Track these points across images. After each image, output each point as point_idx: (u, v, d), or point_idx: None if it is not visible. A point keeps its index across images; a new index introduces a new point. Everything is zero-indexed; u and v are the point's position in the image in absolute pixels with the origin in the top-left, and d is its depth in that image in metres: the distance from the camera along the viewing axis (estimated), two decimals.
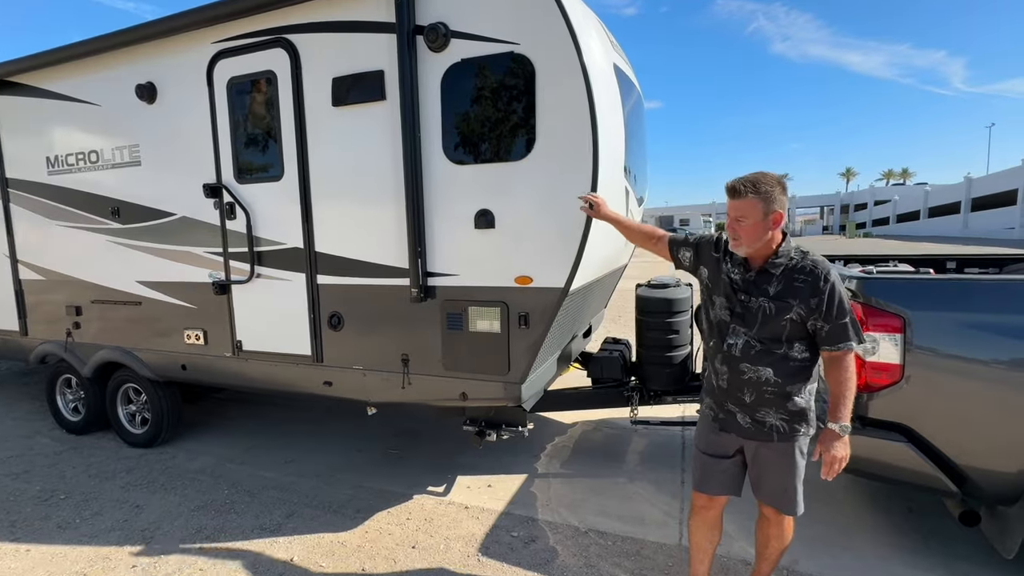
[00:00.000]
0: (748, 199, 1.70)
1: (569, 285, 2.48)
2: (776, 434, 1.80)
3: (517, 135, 2.49)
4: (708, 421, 1.98)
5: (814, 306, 1.68)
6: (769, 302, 1.74)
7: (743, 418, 1.84)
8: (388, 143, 2.71)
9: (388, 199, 2.75)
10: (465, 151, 2.61)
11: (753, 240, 1.74)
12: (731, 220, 1.77)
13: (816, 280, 1.69)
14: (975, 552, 2.41)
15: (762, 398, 1.79)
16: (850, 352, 1.70)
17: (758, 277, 1.78)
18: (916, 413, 2.22)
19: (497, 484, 3.25)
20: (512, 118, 2.50)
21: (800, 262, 1.73)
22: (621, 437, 3.96)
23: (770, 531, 1.99)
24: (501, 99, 2.51)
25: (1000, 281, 2.22)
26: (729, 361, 1.84)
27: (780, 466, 1.84)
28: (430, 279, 2.76)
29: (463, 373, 2.78)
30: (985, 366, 2.10)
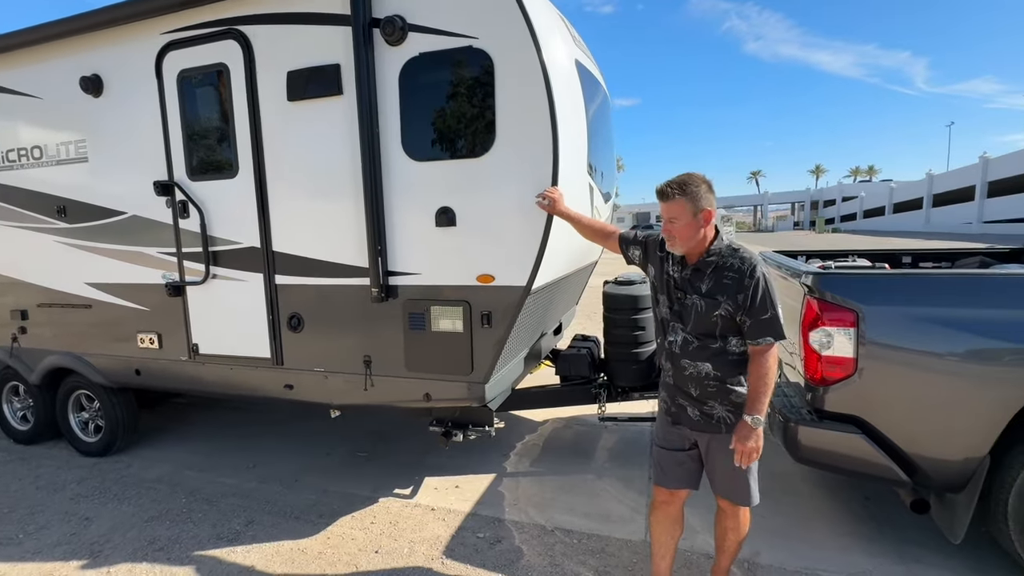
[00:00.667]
0: (676, 200, 1.76)
1: (531, 283, 2.46)
2: (724, 426, 1.84)
3: (477, 132, 2.45)
4: (663, 415, 2.03)
5: (740, 302, 1.73)
6: (701, 299, 1.80)
7: (692, 411, 1.89)
8: (346, 139, 2.64)
9: (347, 197, 2.67)
10: (425, 148, 2.55)
11: (686, 239, 1.79)
12: (664, 222, 1.83)
13: (742, 277, 1.74)
14: (926, 538, 2.49)
15: (706, 391, 1.84)
16: (770, 347, 1.74)
17: (692, 275, 1.84)
18: (869, 405, 2.26)
19: (465, 484, 3.21)
20: (472, 114, 2.46)
21: (729, 259, 1.79)
22: (591, 434, 3.96)
23: (727, 523, 2.02)
24: (461, 95, 2.47)
25: (947, 276, 2.29)
26: (672, 357, 1.91)
27: (731, 459, 1.86)
28: (391, 278, 2.70)
29: (426, 373, 2.73)
30: (933, 358, 2.16)
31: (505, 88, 2.36)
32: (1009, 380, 2.04)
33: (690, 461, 1.98)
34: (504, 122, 2.38)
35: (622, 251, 2.14)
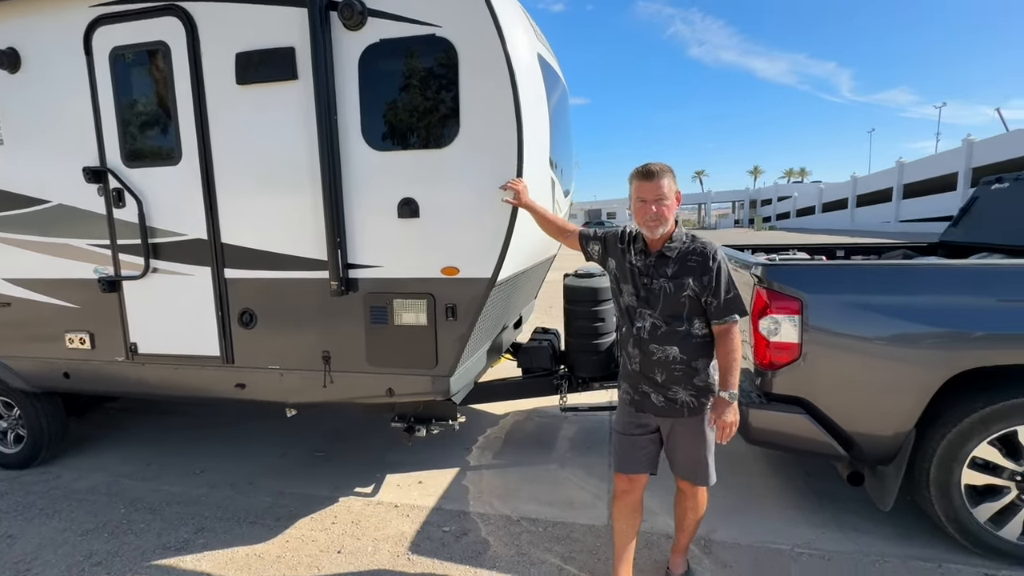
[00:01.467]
0: (664, 179, 1.85)
1: (496, 275, 2.46)
2: (687, 409, 1.92)
3: (441, 122, 2.42)
4: (625, 404, 2.08)
5: (705, 283, 1.83)
6: (668, 282, 1.88)
7: (657, 397, 1.95)
8: (302, 126, 2.53)
9: (304, 186, 2.57)
10: (387, 137, 2.49)
11: (671, 217, 1.88)
12: (649, 203, 1.86)
13: (706, 260, 1.85)
14: (860, 508, 2.70)
15: (672, 376, 1.91)
16: (734, 324, 1.84)
17: (657, 261, 1.91)
18: (812, 387, 2.43)
19: (428, 480, 3.18)
20: (436, 104, 2.42)
21: (692, 245, 1.90)
22: (552, 425, 4.03)
23: (687, 503, 2.11)
24: (424, 84, 2.42)
25: (878, 266, 2.48)
26: (639, 343, 1.95)
27: (692, 441, 1.96)
28: (351, 271, 2.62)
29: (389, 368, 2.68)
30: (867, 342, 2.34)
31: (469, 79, 2.34)
32: (931, 360, 2.25)
33: (650, 445, 2.05)
34: (468, 113, 2.36)
35: (581, 247, 2.18)
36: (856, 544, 2.45)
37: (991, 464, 2.25)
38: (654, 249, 1.93)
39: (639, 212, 1.90)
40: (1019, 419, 2.18)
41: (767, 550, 2.44)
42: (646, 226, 1.89)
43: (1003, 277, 2.29)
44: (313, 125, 2.48)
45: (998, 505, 2.27)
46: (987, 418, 2.20)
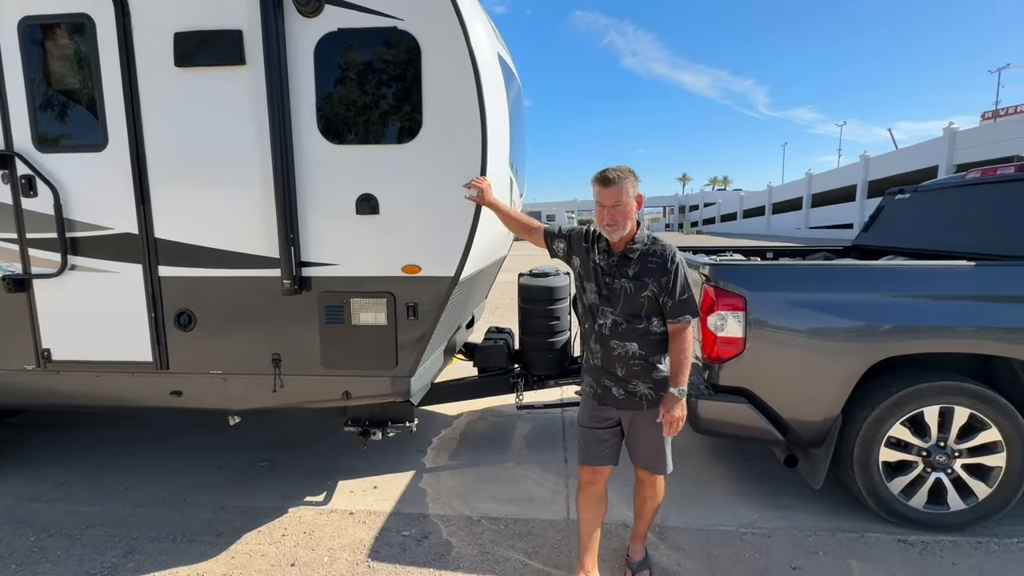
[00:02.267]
0: (621, 184, 1.91)
1: (459, 274, 2.44)
2: (646, 402, 2.01)
3: (403, 117, 2.37)
4: (588, 398, 2.15)
5: (663, 284, 1.92)
6: (629, 282, 1.95)
7: (618, 391, 2.03)
8: (250, 115, 2.39)
9: (253, 179, 2.42)
10: (345, 130, 2.41)
11: (629, 221, 1.94)
12: (608, 208, 1.92)
13: (665, 261, 1.93)
14: (794, 488, 2.94)
15: (631, 370, 1.99)
16: (687, 324, 1.95)
17: (619, 261, 1.98)
18: (754, 378, 2.62)
19: (384, 484, 3.10)
20: (397, 99, 2.37)
21: (652, 246, 1.98)
22: (506, 424, 4.05)
23: (646, 492, 2.20)
24: (385, 77, 2.37)
25: (812, 267, 2.73)
26: (601, 339, 2.01)
27: (652, 432, 2.05)
28: (304, 269, 2.50)
29: (346, 370, 2.58)
30: (801, 335, 2.56)
31: (433, 74, 2.31)
32: (854, 351, 2.49)
33: (612, 438, 2.13)
34: (431, 109, 2.33)
35: (546, 244, 2.21)
36: (791, 521, 2.66)
37: (903, 442, 2.53)
38: (617, 250, 2.00)
39: (598, 216, 1.97)
40: (926, 401, 2.47)
41: (716, 532, 2.59)
42: (606, 230, 1.97)
43: (909, 276, 2.58)
44: (264, 114, 2.34)
45: (908, 479, 2.55)
46: (900, 401, 2.47)
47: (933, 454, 2.51)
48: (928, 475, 2.53)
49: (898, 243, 3.66)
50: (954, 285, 2.49)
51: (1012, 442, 2.44)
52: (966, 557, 2.38)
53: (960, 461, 2.51)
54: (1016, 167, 3.01)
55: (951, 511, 2.53)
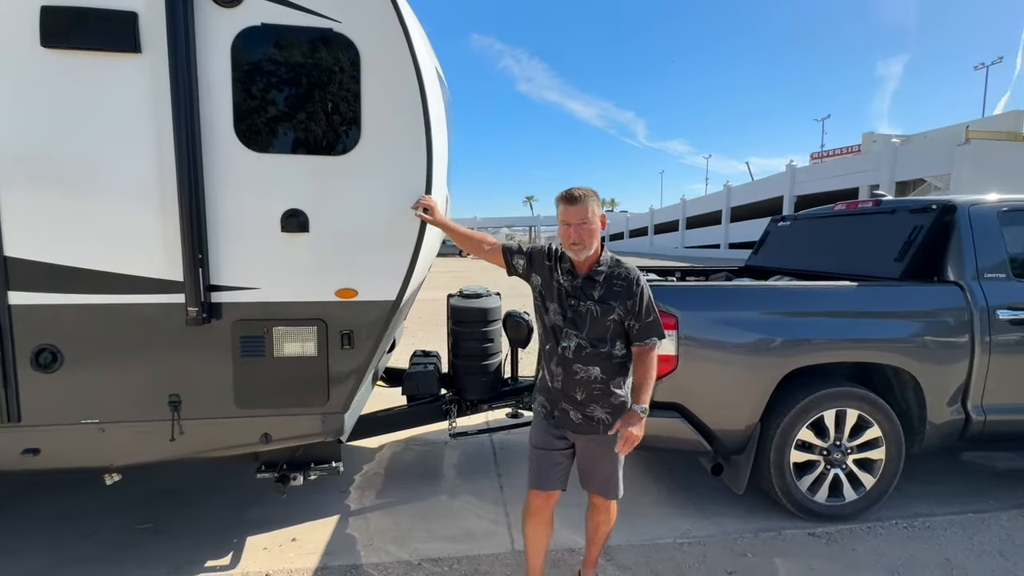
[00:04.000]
0: (587, 203, 1.88)
1: (401, 298, 2.27)
2: (602, 426, 1.98)
3: (339, 126, 2.16)
4: (542, 419, 2.09)
5: (629, 307, 1.91)
6: (595, 305, 1.92)
7: (575, 415, 1.99)
8: (146, 112, 2.02)
9: (148, 187, 2.04)
10: (268, 137, 2.13)
11: (594, 240, 1.91)
12: (574, 226, 1.88)
13: (631, 284, 1.93)
14: (717, 494, 3.14)
15: (591, 395, 1.96)
16: (655, 346, 1.98)
17: (584, 283, 1.95)
18: (685, 393, 2.76)
19: (304, 535, 2.74)
20: (332, 106, 2.16)
21: (616, 268, 1.96)
22: (433, 453, 3.84)
23: (599, 517, 2.17)
24: (318, 82, 2.14)
25: (733, 287, 2.96)
26: (563, 363, 1.97)
27: (606, 458, 2.03)
28: (214, 294, 2.15)
29: (265, 410, 2.25)
30: (724, 351, 2.76)
31: (373, 83, 2.14)
32: (769, 364, 2.74)
33: (565, 460, 2.09)
34: (371, 120, 2.16)
35: (505, 261, 2.13)
36: (720, 527, 2.83)
37: (808, 444, 2.83)
38: (581, 271, 1.96)
39: (563, 235, 1.92)
40: (825, 406, 2.79)
41: (656, 547, 2.66)
42: (570, 249, 1.92)
43: (809, 296, 2.92)
44: (165, 113, 1.99)
45: (813, 476, 2.85)
46: (806, 407, 2.76)
47: (831, 452, 2.84)
48: (828, 472, 2.85)
49: (783, 264, 4.16)
50: (841, 303, 2.86)
51: (889, 437, 2.84)
52: (862, 541, 2.70)
53: (851, 457, 2.86)
54: (873, 202, 3.59)
55: (847, 502, 2.86)
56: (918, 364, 2.79)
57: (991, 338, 2.80)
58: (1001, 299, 2.83)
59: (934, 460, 3.25)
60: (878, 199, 3.59)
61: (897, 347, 2.79)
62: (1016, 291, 2.86)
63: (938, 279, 2.95)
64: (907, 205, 3.27)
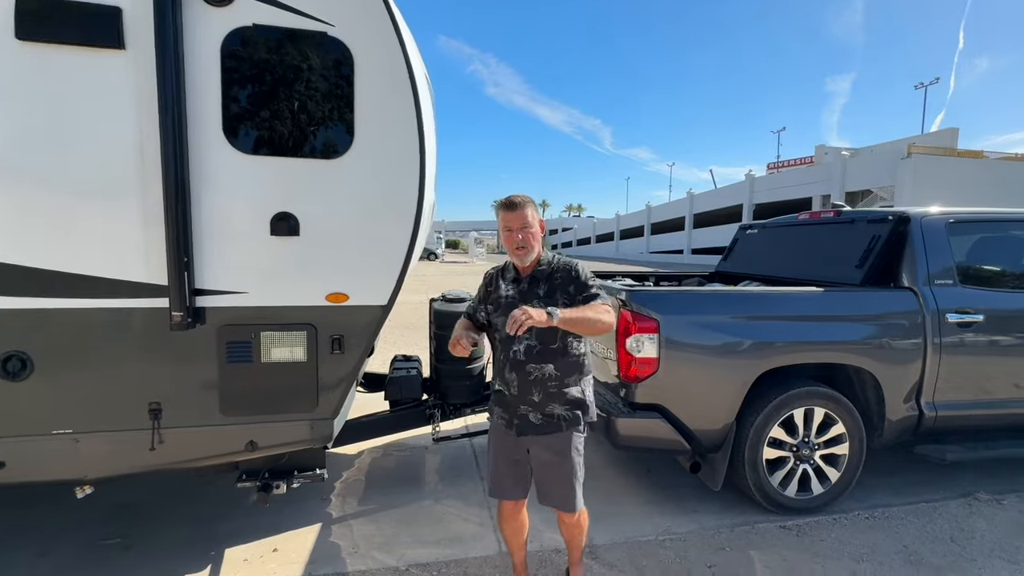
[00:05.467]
0: (527, 209, 1.94)
1: (393, 300, 2.27)
2: (564, 423, 1.98)
3: (331, 130, 2.15)
4: (502, 429, 2.07)
5: (572, 291, 1.96)
6: (540, 302, 1.93)
7: (535, 416, 1.98)
8: (129, 110, 1.95)
9: (130, 188, 1.97)
10: (258, 139, 2.10)
11: (537, 243, 1.97)
12: (515, 232, 1.93)
13: (568, 272, 2.00)
14: (693, 492, 3.26)
15: (547, 393, 1.97)
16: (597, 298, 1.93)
17: (530, 285, 2.00)
18: (666, 394, 2.86)
19: (285, 545, 2.67)
20: (325, 110, 2.14)
21: (555, 263, 2.03)
22: (413, 458, 3.82)
23: (571, 531, 2.18)
24: (310, 85, 2.13)
25: (711, 292, 3.09)
26: (516, 366, 1.97)
27: (562, 467, 2.00)
28: (200, 298, 2.09)
29: (252, 417, 2.21)
30: (703, 353, 2.88)
31: (367, 87, 2.14)
32: (744, 365, 2.87)
33: (524, 470, 2.09)
34: (365, 124, 2.16)
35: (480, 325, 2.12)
36: (699, 523, 2.94)
37: (779, 441, 2.98)
38: (526, 274, 2.01)
39: (507, 240, 1.96)
40: (795, 405, 2.94)
41: (638, 543, 2.74)
42: (515, 254, 1.97)
43: (783, 300, 3.08)
44: (150, 111, 1.94)
45: (783, 472, 3.00)
46: (778, 406, 2.91)
47: (800, 449, 2.99)
48: (798, 467, 3.01)
49: (752, 270, 4.36)
50: (811, 307, 3.04)
51: (852, 433, 3.02)
52: (828, 532, 2.86)
53: (819, 452, 3.03)
54: (834, 212, 3.82)
55: (814, 495, 3.02)
56: (878, 364, 2.98)
57: (941, 340, 3.03)
58: (950, 303, 3.06)
59: (890, 454, 3.47)
60: (838, 209, 3.82)
61: (859, 348, 2.98)
62: (963, 296, 3.10)
63: (894, 285, 3.17)
64: (865, 216, 3.50)
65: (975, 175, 22.03)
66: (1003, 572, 2.54)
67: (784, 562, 2.59)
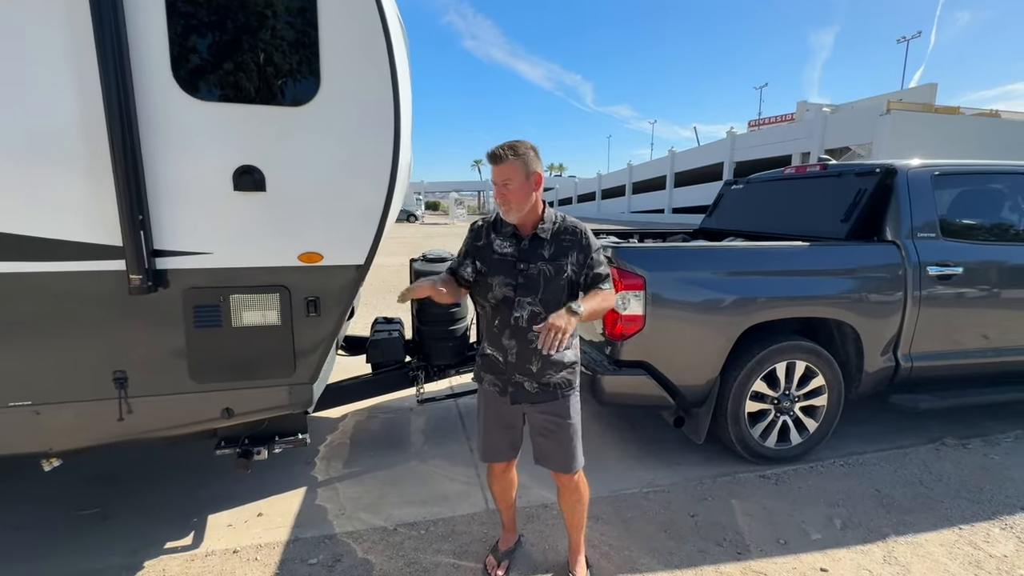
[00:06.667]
0: (509, 163, 1.74)
1: (370, 261, 2.15)
2: (560, 390, 1.90)
3: (295, 73, 1.96)
4: (495, 396, 1.97)
5: (582, 261, 1.83)
6: (547, 265, 1.81)
7: (531, 385, 1.89)
8: (61, 49, 1.74)
9: (71, 140, 1.78)
10: (212, 83, 1.90)
11: (522, 202, 1.78)
12: (498, 187, 1.78)
13: (579, 238, 1.85)
14: (677, 445, 3.32)
15: (546, 362, 1.86)
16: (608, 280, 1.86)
17: (531, 244, 1.83)
18: (652, 351, 2.85)
19: (270, 509, 2.65)
20: (286, 49, 1.95)
21: (563, 224, 1.87)
22: (398, 420, 3.79)
23: (571, 498, 2.05)
24: (268, 21, 1.92)
25: (696, 248, 3.04)
26: (516, 333, 1.84)
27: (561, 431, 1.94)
28: (160, 260, 1.95)
29: (225, 383, 2.11)
30: (687, 310, 2.85)
31: (333, 26, 1.95)
32: (729, 321, 2.87)
33: (518, 434, 2.05)
34: (331, 66, 1.97)
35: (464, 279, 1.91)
36: (682, 475, 3.00)
37: (761, 394, 3.02)
38: (527, 233, 1.85)
39: (495, 195, 1.81)
40: (777, 359, 2.97)
41: (623, 496, 2.79)
42: (501, 211, 1.82)
43: (766, 255, 3.04)
44: (86, 51, 1.72)
45: (764, 424, 3.06)
46: (761, 361, 2.93)
47: (781, 401, 3.04)
48: (778, 419, 3.07)
49: (736, 227, 4.32)
50: (796, 262, 3.02)
51: (831, 385, 3.08)
52: (805, 480, 2.95)
53: (798, 405, 3.08)
54: (821, 166, 3.76)
55: (792, 445, 3.10)
56: (859, 318, 3.01)
57: (921, 292, 3.06)
58: (931, 256, 3.08)
59: (863, 404, 3.57)
60: (825, 163, 3.77)
61: (842, 302, 2.99)
62: (944, 249, 3.11)
63: (877, 238, 3.17)
64: (852, 169, 3.45)
65: (952, 132, 22.22)
66: (968, 511, 2.67)
67: (764, 510, 2.67)
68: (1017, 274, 3.26)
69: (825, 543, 2.41)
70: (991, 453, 3.26)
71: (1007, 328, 3.29)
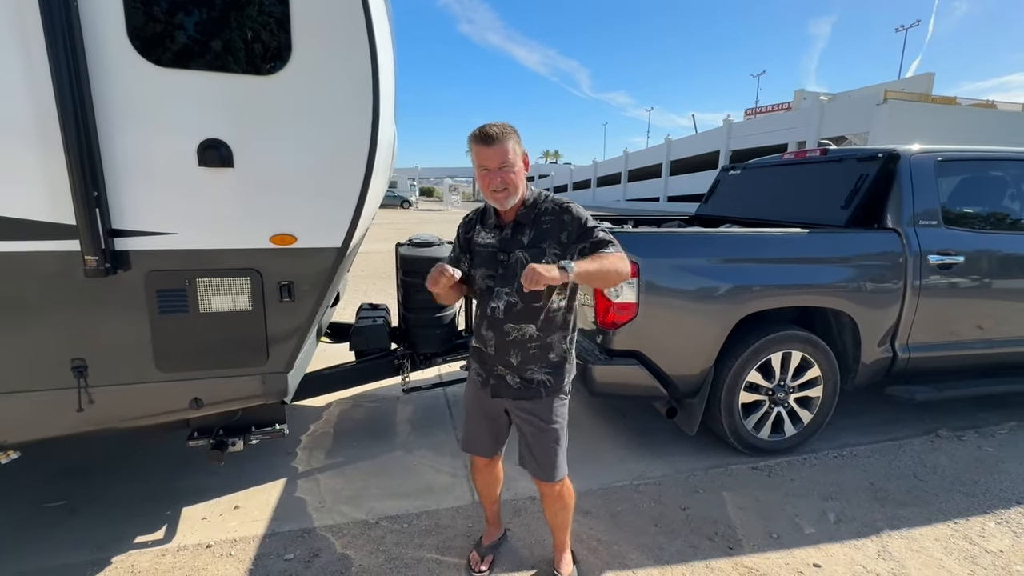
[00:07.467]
0: (507, 142, 1.58)
1: (348, 244, 2.03)
2: (544, 389, 1.78)
3: (263, 39, 1.81)
4: (478, 386, 1.89)
5: (565, 239, 1.66)
6: (524, 252, 1.67)
7: (512, 379, 1.80)
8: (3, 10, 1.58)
9: (14, 107, 1.63)
10: (173, 48, 1.75)
11: (521, 183, 1.65)
12: (493, 172, 1.60)
13: (559, 215, 1.68)
14: (668, 437, 3.25)
15: (527, 355, 1.75)
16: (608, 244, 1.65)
17: (513, 231, 1.71)
18: (644, 340, 2.75)
19: (247, 502, 2.55)
20: (255, 15, 1.79)
21: (542, 205, 1.72)
22: (384, 409, 3.70)
23: (553, 506, 1.96)
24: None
25: (692, 234, 2.93)
26: (494, 325, 1.75)
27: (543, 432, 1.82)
28: (119, 240, 1.81)
29: (193, 372, 1.99)
30: (681, 298, 2.75)
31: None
32: (725, 310, 2.77)
33: (503, 428, 1.96)
34: (304, 33, 1.82)
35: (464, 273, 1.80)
36: (673, 467, 2.93)
37: (756, 385, 2.94)
38: (508, 220, 1.72)
39: (483, 182, 1.63)
40: (773, 349, 2.88)
41: (613, 489, 2.71)
42: (495, 199, 1.65)
43: (765, 243, 2.94)
44: (29, 8, 1.57)
45: (758, 415, 2.99)
46: (756, 351, 2.85)
47: (776, 392, 2.97)
48: (772, 410, 3.00)
49: (733, 213, 4.22)
50: (793, 250, 2.92)
51: (827, 376, 3.00)
52: (799, 472, 2.89)
53: (793, 396, 3.01)
54: (821, 151, 3.65)
55: (786, 437, 3.04)
56: (858, 307, 2.93)
57: (921, 282, 2.98)
58: (932, 245, 2.99)
59: (858, 395, 3.51)
60: (825, 148, 3.65)
61: (840, 291, 2.90)
62: (946, 237, 3.03)
63: (878, 226, 3.07)
64: (854, 154, 3.34)
65: (948, 122, 22.14)
66: (962, 505, 2.62)
67: (756, 502, 2.60)
68: (1020, 264, 3.18)
69: (818, 537, 2.35)
70: (985, 445, 3.21)
71: (1007, 319, 3.22)
